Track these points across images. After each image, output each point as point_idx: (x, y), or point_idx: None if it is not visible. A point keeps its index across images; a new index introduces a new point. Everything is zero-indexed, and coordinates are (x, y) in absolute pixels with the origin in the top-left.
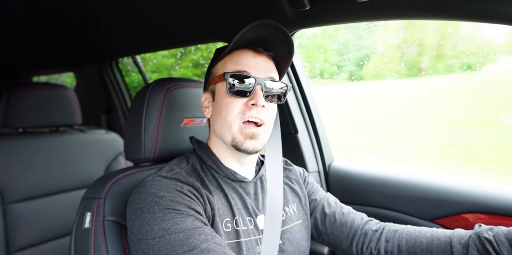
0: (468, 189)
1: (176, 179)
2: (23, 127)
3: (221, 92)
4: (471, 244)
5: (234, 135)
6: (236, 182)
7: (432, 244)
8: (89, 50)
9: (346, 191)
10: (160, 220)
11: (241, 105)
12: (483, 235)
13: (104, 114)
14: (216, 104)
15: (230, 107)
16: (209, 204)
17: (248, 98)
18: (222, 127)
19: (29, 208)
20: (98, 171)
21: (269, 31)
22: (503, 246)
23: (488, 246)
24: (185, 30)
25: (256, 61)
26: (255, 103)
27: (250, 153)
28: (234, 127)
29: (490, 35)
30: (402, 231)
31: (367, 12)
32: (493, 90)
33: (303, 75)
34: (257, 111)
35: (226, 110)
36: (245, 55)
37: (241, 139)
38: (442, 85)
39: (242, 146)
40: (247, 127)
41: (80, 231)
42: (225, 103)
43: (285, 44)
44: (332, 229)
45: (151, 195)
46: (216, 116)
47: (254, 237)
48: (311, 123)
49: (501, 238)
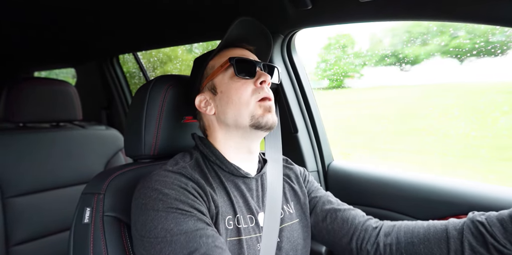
0: (466, 190)
1: (181, 174)
2: (23, 122)
3: (224, 81)
4: (465, 228)
5: (253, 112)
6: (239, 178)
7: (429, 233)
8: (90, 46)
9: (345, 191)
10: (164, 219)
11: (251, 85)
12: (476, 219)
13: (105, 110)
14: (222, 95)
15: (242, 89)
16: (213, 203)
17: (255, 78)
18: (238, 110)
19: (28, 202)
20: (98, 167)
21: (246, 27)
22: (495, 227)
23: (481, 228)
24: (185, 28)
25: (247, 53)
26: (265, 80)
27: (270, 127)
28: (251, 105)
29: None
30: (400, 224)
31: (370, 12)
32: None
33: (303, 75)
34: (267, 88)
35: (239, 93)
36: (234, 50)
37: (261, 113)
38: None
39: (263, 119)
40: (264, 102)
41: (79, 226)
42: (234, 88)
43: (263, 38)
44: (333, 225)
45: (155, 191)
46: (225, 105)
47: (255, 235)
48: (311, 123)
49: (492, 219)
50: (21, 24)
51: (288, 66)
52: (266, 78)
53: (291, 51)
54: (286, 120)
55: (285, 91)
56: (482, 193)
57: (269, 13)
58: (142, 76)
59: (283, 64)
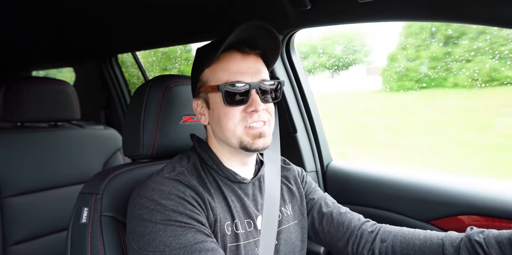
0: (464, 191)
1: (179, 181)
2: (21, 121)
3: (215, 101)
4: (462, 246)
5: (241, 138)
6: (235, 184)
7: (425, 246)
8: (89, 46)
9: (344, 191)
10: (162, 232)
11: (240, 112)
12: (473, 237)
13: (103, 110)
14: (213, 113)
15: (229, 116)
16: (211, 210)
17: (246, 104)
18: (225, 134)
19: (26, 202)
20: (96, 166)
21: (252, 29)
22: (493, 249)
23: (478, 249)
24: (184, 28)
25: (246, 65)
26: (255, 110)
27: (261, 150)
28: (238, 132)
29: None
30: (397, 232)
31: (368, 12)
32: None
33: (302, 75)
34: (258, 115)
35: (226, 119)
36: (234, 59)
37: (249, 140)
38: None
39: (253, 146)
40: (252, 129)
41: (77, 226)
42: (223, 112)
43: (271, 40)
44: (329, 228)
45: (152, 202)
46: (216, 124)
47: (253, 239)
48: (309, 123)
49: (490, 240)
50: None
51: (287, 67)
52: (256, 108)
53: (290, 51)
54: (285, 120)
55: (284, 91)
56: (479, 193)
57: (267, 13)
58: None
59: (282, 65)
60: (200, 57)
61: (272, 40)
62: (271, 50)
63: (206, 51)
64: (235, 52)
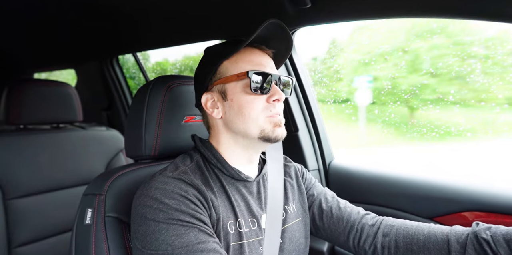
0: (467, 187)
1: (181, 180)
2: (24, 123)
3: (237, 90)
4: (468, 244)
5: (262, 127)
6: (239, 182)
7: (429, 242)
8: (90, 47)
9: (346, 189)
10: (164, 231)
11: (263, 101)
12: (481, 235)
13: (105, 111)
14: (233, 104)
15: (253, 104)
16: (213, 210)
17: (268, 94)
18: (246, 123)
19: (30, 204)
20: (99, 168)
21: (270, 28)
22: (501, 247)
23: (486, 247)
24: (185, 28)
25: (265, 60)
26: (278, 99)
27: (279, 140)
28: (260, 121)
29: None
30: (400, 226)
31: (369, 10)
32: None
33: (304, 74)
34: (279, 106)
35: (249, 108)
36: (255, 54)
37: (270, 128)
38: None
39: (273, 134)
40: (274, 117)
41: (81, 227)
42: (246, 101)
43: (284, 41)
44: (329, 224)
45: (155, 201)
46: (236, 114)
47: (257, 238)
48: (311, 122)
49: (499, 238)
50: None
51: (288, 65)
52: (280, 97)
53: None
54: (286, 119)
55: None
56: (483, 190)
57: (267, 12)
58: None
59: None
60: (216, 51)
61: (284, 42)
62: (281, 52)
63: (222, 46)
64: (255, 49)
